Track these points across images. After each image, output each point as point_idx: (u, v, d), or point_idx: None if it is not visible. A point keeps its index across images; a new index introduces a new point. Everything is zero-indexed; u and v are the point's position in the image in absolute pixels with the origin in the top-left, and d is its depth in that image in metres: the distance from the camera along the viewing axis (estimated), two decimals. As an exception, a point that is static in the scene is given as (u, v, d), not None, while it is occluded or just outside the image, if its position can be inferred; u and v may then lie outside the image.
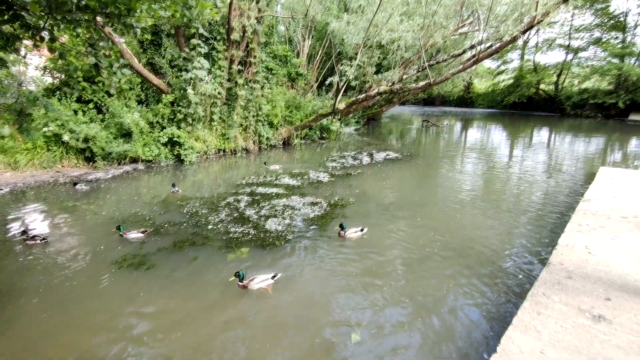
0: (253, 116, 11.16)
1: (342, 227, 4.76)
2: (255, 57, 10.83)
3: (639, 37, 22.87)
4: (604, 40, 23.89)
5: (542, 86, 26.98)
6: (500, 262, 4.17)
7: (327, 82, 12.20)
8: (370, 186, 7.35)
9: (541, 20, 7.32)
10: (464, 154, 12.00)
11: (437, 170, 9.37)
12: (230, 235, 4.82)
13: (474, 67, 12.66)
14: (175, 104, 9.92)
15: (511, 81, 28.67)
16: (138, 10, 3.10)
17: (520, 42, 26.23)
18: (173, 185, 6.77)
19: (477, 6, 10.04)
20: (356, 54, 10.97)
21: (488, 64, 30.42)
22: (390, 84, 10.60)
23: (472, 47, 9.96)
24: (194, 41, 9.32)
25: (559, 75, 25.99)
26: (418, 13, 10.28)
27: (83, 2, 2.87)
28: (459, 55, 10.55)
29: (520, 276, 3.86)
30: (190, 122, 9.95)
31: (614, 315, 2.75)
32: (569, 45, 25.32)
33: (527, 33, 25.06)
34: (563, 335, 2.56)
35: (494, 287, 3.64)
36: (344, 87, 10.62)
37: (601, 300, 2.98)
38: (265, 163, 9.18)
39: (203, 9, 2.96)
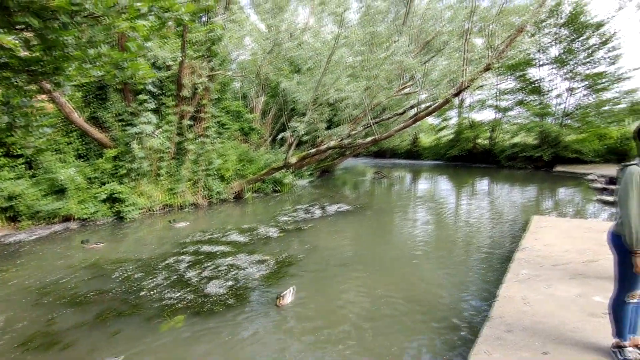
0: (203, 170, 10.94)
1: (279, 296, 4.33)
2: (206, 112, 10.90)
3: (553, 100, 26.27)
4: (525, 101, 27.20)
5: (479, 140, 29.57)
6: (452, 317, 4.14)
7: (279, 137, 12.52)
8: (321, 241, 7.26)
9: (468, 86, 8.20)
10: (414, 204, 12.46)
11: (389, 221, 9.56)
12: (165, 302, 4.40)
13: (415, 124, 13.68)
14: (118, 159, 9.49)
15: (452, 136, 31.21)
16: (68, 69, 3.01)
17: (457, 102, 29.09)
18: (85, 242, 6.28)
19: (415, 71, 11.11)
20: (310, 110, 11.45)
21: (431, 120, 33.12)
22: (339, 139, 11.04)
23: (412, 107, 10.86)
24: (142, 97, 9.24)
25: (492, 131, 28.78)
26: (363, 76, 11.09)
27: (2, 60, 2.72)
28: (402, 113, 11.43)
29: (468, 331, 3.83)
30: (134, 177, 9.50)
31: (551, 371, 2.76)
32: (497, 106, 28.48)
33: (460, 95, 27.99)
34: (505, 398, 2.50)
35: (446, 346, 3.57)
36: (296, 141, 10.88)
37: (539, 354, 3.00)
38: (170, 221, 8.52)
39: (136, 70, 2.93)
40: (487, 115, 30.06)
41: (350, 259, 6.15)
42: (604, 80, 23.67)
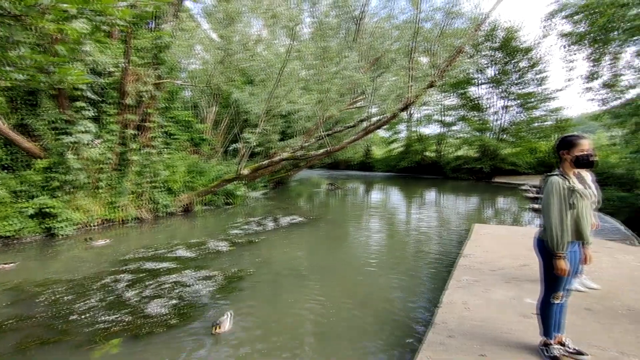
0: (148, 182, 10.36)
1: (215, 324, 3.91)
2: (152, 121, 10.39)
3: (491, 116, 28.54)
4: (467, 117, 29.27)
5: (427, 153, 31.20)
6: (403, 324, 4.23)
7: (231, 148, 12.26)
8: (274, 253, 7.15)
9: (414, 101, 8.65)
10: (368, 214, 12.74)
11: (343, 231, 9.66)
12: (99, 325, 4.04)
13: (367, 137, 14.11)
14: (50, 170, 8.69)
15: (402, 149, 32.63)
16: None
17: (406, 116, 30.57)
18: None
19: (365, 86, 11.50)
20: (262, 121, 11.35)
21: (382, 133, 34.44)
22: (293, 150, 11.05)
23: (362, 120, 11.21)
24: (79, 103, 8.60)
25: (438, 144, 30.56)
26: (315, 89, 11.26)
27: None
28: (353, 126, 11.77)
29: (417, 338, 3.94)
30: (69, 190, 8.75)
31: (487, 372, 2.91)
32: (442, 121, 30.37)
33: (408, 110, 29.42)
34: (445, 402, 2.58)
35: (396, 352, 3.62)
36: (249, 153, 10.71)
37: (477, 357, 3.15)
38: (86, 239, 7.88)
39: (65, 75, 2.72)
40: (434, 129, 31.86)
41: (303, 271, 6.10)
42: (533, 100, 26.22)
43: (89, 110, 8.77)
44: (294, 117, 13.29)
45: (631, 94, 14.34)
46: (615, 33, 13.60)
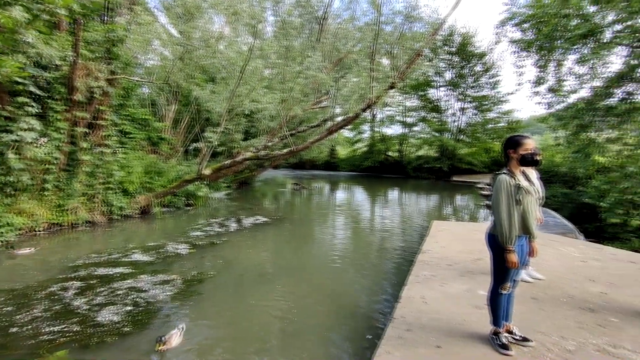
0: (101, 183, 9.78)
1: (160, 340, 3.54)
2: (105, 119, 9.83)
3: (449, 118, 29.83)
4: (427, 118, 30.39)
5: (390, 153, 32.00)
6: (366, 320, 4.30)
7: (192, 147, 11.84)
8: (237, 255, 7.01)
9: (376, 102, 8.84)
10: (333, 213, 12.85)
11: (308, 231, 9.67)
12: (44, 337, 3.76)
13: (331, 136, 14.22)
14: (-12, 171, 7.96)
15: (366, 148, 33.28)
16: None
17: (369, 116, 31.20)
18: None
19: (328, 86, 11.58)
20: (224, 120, 11.08)
21: (346, 133, 34.90)
22: (256, 150, 10.91)
23: (326, 120, 11.29)
24: (21, 99, 7.93)
25: (400, 144, 31.46)
26: (279, 88, 11.19)
27: None
28: (317, 126, 11.82)
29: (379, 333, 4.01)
30: (10, 192, 8.06)
31: (442, 362, 3.02)
32: (404, 121, 31.32)
33: (371, 111, 30.03)
34: (403, 393, 2.65)
35: (358, 348, 3.67)
36: (210, 152, 10.43)
37: (433, 348, 3.27)
38: (8, 248, 7.17)
39: (-2, 67, 2.50)
40: (396, 129, 32.77)
41: (268, 271, 6.04)
42: (487, 102, 27.71)
43: (32, 106, 8.12)
44: (257, 116, 13.10)
45: (572, 98, 15.54)
46: (559, 42, 14.68)
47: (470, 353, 3.17)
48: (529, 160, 3.02)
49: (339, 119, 10.89)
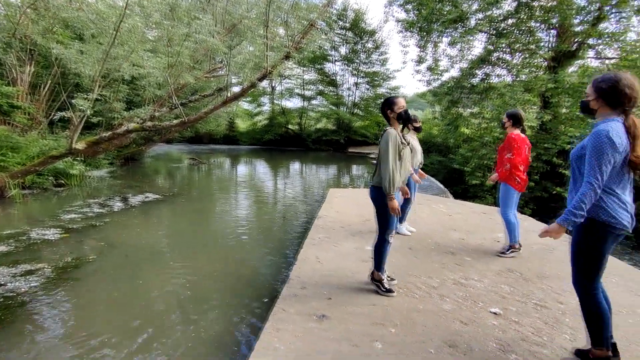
0: None
1: None
2: None
3: (345, 92, 31.25)
4: (325, 92, 31.29)
5: (290, 126, 32.21)
6: (273, 285, 4.38)
7: (56, 118, 9.96)
8: (122, 235, 6.36)
9: (271, 71, 8.70)
10: (234, 187, 12.52)
11: (206, 206, 9.25)
12: None
13: (228, 108, 13.59)
14: None
15: (266, 122, 32.83)
16: None
17: (268, 88, 30.69)
18: None
19: (222, 54, 10.91)
20: (99, 87, 9.57)
21: (246, 106, 33.78)
22: (141, 121, 9.81)
23: (220, 89, 10.69)
24: None
25: (300, 118, 31.90)
26: (165, 52, 10.12)
27: None
28: (211, 95, 11.12)
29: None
30: None
31: (331, 312, 3.31)
32: (303, 95, 31.69)
33: (271, 83, 29.58)
34: (296, 344, 2.83)
35: (262, 312, 3.75)
36: (83, 123, 8.99)
37: (325, 300, 3.55)
38: None
39: None
40: (296, 103, 32.99)
41: (160, 249, 5.66)
42: (377, 78, 29.74)
43: None
44: (141, 83, 11.69)
45: (445, 77, 17.74)
46: (435, 24, 16.39)
47: (355, 299, 3.54)
48: (404, 117, 3.36)
49: (236, 89, 10.45)
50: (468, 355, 2.67)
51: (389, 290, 3.60)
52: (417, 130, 5.37)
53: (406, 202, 5.27)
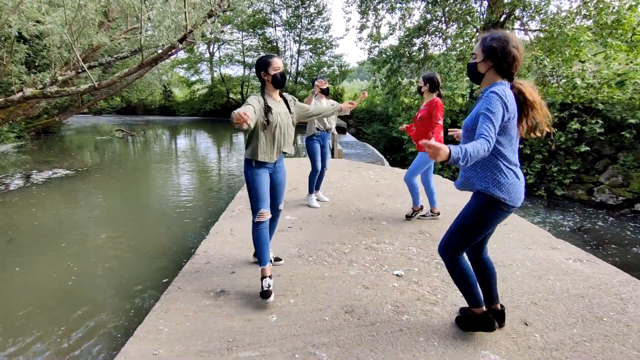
0: None
1: None
2: None
3: (288, 59, 30.20)
4: (267, 59, 30.06)
5: (232, 95, 30.69)
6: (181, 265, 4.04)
7: None
8: (9, 217, 5.57)
9: (192, 31, 7.88)
10: (168, 161, 11.67)
11: (124, 183, 8.48)
12: None
13: (158, 73, 12.36)
14: None
15: (206, 90, 30.95)
16: None
17: (206, 54, 28.67)
18: None
19: (137, 10, 9.70)
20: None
21: (182, 73, 31.42)
22: (42, 86, 8.55)
23: (136, 51, 9.59)
24: None
25: (242, 87, 30.46)
26: (67, 5, 8.76)
27: None
28: (126, 57, 9.96)
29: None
30: None
31: (232, 286, 3.09)
32: (244, 62, 30.13)
33: (210, 48, 27.61)
34: (183, 325, 2.59)
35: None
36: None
37: (228, 275, 3.31)
38: None
39: None
40: (237, 70, 31.37)
41: (51, 233, 5.02)
42: (321, 46, 29.02)
43: None
44: (42, 42, 10.15)
45: (385, 44, 17.66)
46: (375, -9, 16.03)
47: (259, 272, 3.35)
48: (280, 81, 2.92)
49: (159, 51, 9.40)
50: (362, 319, 2.62)
51: (265, 294, 2.81)
52: (324, 92, 5.18)
53: (314, 172, 5.21)
